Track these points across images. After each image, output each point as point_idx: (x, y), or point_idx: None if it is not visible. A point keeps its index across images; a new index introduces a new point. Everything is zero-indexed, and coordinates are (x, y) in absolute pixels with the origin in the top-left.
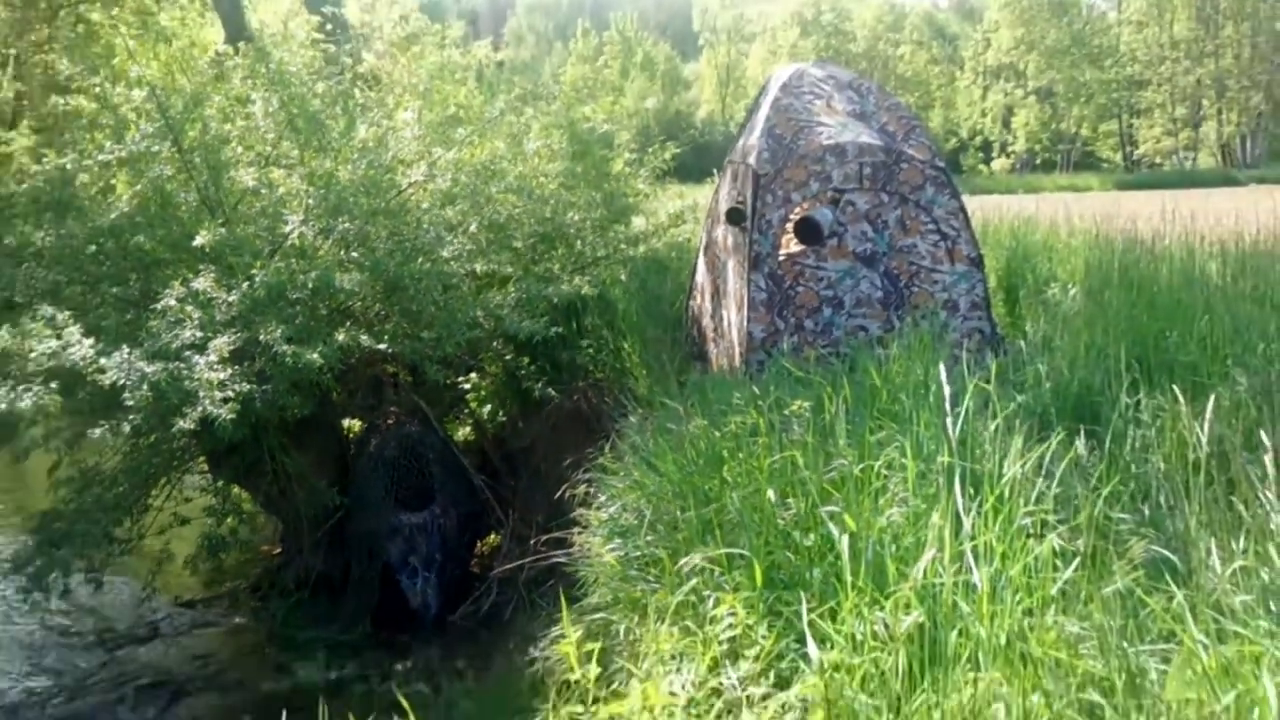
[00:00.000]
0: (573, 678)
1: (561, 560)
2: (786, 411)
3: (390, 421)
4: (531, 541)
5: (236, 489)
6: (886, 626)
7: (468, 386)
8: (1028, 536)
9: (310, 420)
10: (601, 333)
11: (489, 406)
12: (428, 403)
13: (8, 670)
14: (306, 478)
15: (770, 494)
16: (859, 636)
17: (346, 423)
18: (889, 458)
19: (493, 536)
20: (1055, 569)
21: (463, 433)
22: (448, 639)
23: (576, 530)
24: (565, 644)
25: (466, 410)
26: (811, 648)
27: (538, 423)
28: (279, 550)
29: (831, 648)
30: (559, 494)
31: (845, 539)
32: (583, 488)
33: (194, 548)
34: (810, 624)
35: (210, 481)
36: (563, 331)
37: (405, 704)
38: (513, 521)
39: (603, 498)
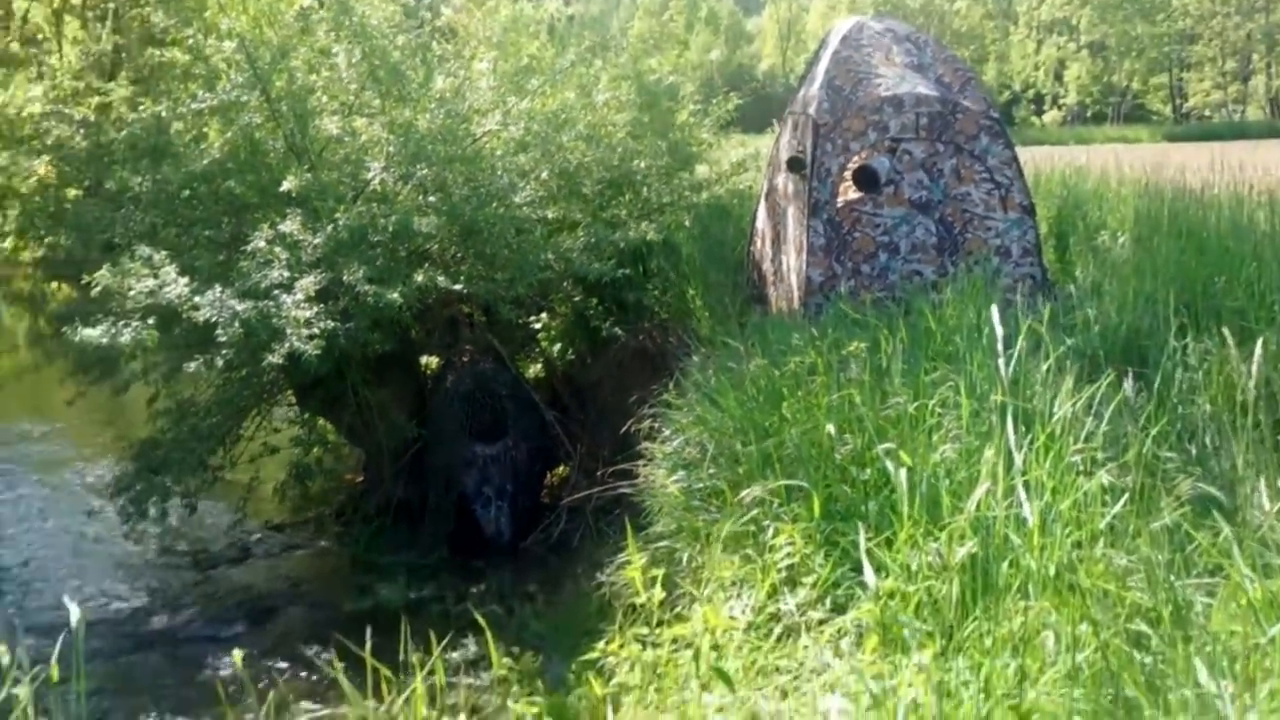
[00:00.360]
0: (638, 601)
1: (627, 491)
2: (844, 352)
3: (465, 359)
4: (598, 473)
5: (322, 421)
6: (940, 556)
7: (538, 326)
8: (1077, 473)
9: (390, 356)
10: (666, 275)
11: (558, 345)
12: (500, 341)
13: (111, 588)
14: (387, 411)
15: (830, 429)
16: (914, 566)
17: (424, 359)
18: (943, 396)
19: (561, 468)
20: (1104, 504)
21: (533, 370)
22: (519, 564)
23: (642, 463)
24: (631, 570)
25: (537, 348)
26: (868, 575)
27: (605, 361)
28: (361, 479)
29: (887, 576)
30: (625, 428)
31: (902, 473)
32: (648, 423)
33: (282, 475)
34: (866, 553)
35: (297, 413)
36: (629, 274)
37: (483, 623)
38: (580, 454)
39: (667, 432)
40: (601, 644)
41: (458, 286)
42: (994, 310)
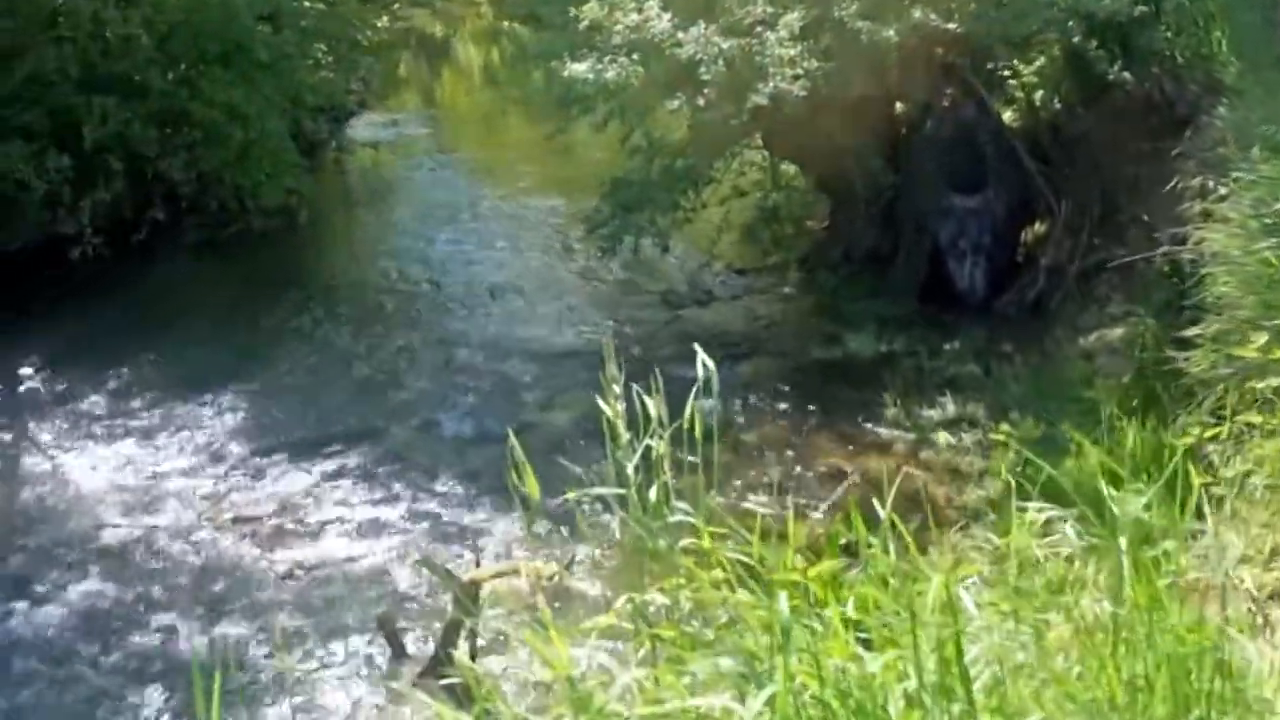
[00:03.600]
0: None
1: (1119, 253)
2: None
3: (946, 104)
4: (1084, 232)
5: (788, 166)
6: None
7: (1024, 70)
8: None
9: (867, 100)
10: (1185, 14)
11: (1043, 91)
12: (983, 86)
13: (587, 320)
14: (861, 156)
15: None
16: None
17: (900, 105)
18: None
19: (1040, 225)
20: None
21: (1010, 115)
22: (993, 323)
23: (1194, 226)
24: (1253, 348)
25: (1019, 94)
26: None
27: (1099, 109)
28: (826, 226)
29: None
30: (1119, 185)
31: None
32: (1196, 180)
33: (749, 220)
34: None
35: (765, 157)
36: (1144, 11)
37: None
38: (1065, 211)
39: (1222, 190)
40: (1195, 430)
41: (951, 25)
42: None
